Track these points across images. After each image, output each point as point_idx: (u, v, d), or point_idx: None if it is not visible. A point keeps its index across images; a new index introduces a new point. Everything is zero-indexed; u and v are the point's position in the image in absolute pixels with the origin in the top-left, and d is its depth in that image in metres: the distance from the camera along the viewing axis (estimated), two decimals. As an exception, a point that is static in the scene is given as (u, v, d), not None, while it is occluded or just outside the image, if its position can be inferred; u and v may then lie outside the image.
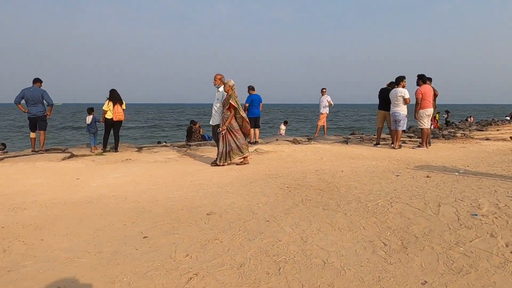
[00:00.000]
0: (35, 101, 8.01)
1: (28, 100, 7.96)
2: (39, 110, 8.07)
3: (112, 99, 8.53)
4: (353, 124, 46.94)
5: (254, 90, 9.94)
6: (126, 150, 8.94)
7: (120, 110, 8.56)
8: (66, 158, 7.57)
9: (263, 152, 8.14)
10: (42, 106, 8.13)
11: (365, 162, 6.40)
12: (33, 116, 8.10)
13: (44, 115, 8.22)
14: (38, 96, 8.01)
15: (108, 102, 8.53)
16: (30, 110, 8.03)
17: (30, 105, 7.98)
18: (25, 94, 7.93)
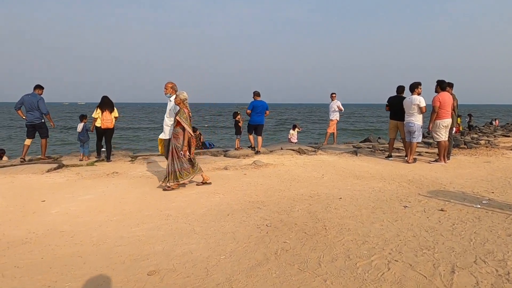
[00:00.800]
0: (31, 108, 7.70)
1: (26, 106, 7.70)
2: (35, 117, 7.76)
3: (100, 106, 8.00)
4: (369, 125, 45.40)
5: (259, 96, 9.15)
6: (119, 159, 8.36)
7: (109, 117, 7.96)
8: (52, 169, 7.02)
9: (261, 165, 7.35)
10: (38, 113, 7.80)
11: (370, 183, 5.49)
12: (29, 123, 7.78)
13: (41, 123, 7.88)
14: (34, 103, 7.70)
15: (96, 109, 8.03)
16: (27, 117, 7.76)
17: (27, 111, 7.71)
18: (24, 101, 7.69)
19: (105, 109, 7.93)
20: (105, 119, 7.91)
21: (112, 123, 8.01)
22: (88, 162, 7.91)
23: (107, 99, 8.05)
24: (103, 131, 8.03)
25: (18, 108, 7.78)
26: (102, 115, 7.93)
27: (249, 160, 8.19)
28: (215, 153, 9.44)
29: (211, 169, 7.05)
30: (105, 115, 7.93)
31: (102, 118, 7.91)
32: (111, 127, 8.03)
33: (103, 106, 7.93)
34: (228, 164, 7.71)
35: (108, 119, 7.94)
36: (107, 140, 8.23)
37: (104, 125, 7.91)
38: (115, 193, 5.06)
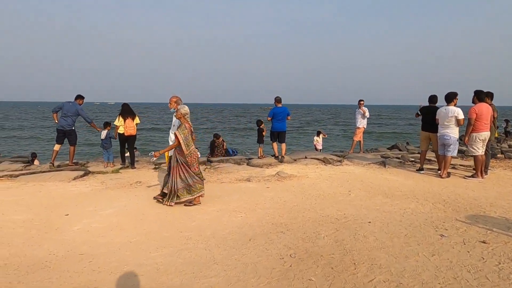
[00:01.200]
0: (67, 114, 7.97)
1: (62, 111, 7.98)
2: (68, 124, 7.99)
3: (122, 114, 8.11)
4: (395, 128, 43.96)
5: (280, 103, 8.93)
6: (143, 166, 8.36)
7: (131, 124, 8.11)
8: (78, 177, 7.10)
9: (285, 177, 7.10)
10: (71, 121, 8.04)
11: (401, 204, 5.12)
12: (60, 127, 8.00)
13: (71, 130, 8.10)
14: (72, 111, 8.00)
15: (119, 117, 8.16)
16: (60, 121, 7.97)
17: (62, 116, 7.97)
18: (63, 106, 8.00)
19: (127, 116, 8.06)
20: (128, 127, 8.04)
21: (134, 130, 8.17)
22: (113, 169, 7.97)
23: (128, 107, 8.20)
24: (126, 138, 8.16)
25: (55, 111, 8.07)
26: (124, 122, 8.05)
27: (273, 170, 7.96)
28: (238, 161, 9.28)
29: (234, 180, 6.89)
30: (128, 122, 8.04)
31: (125, 126, 8.04)
32: (134, 134, 8.19)
33: (124, 114, 8.06)
34: (251, 174, 7.52)
35: (131, 126, 8.08)
36: (130, 146, 8.38)
37: (128, 132, 8.05)
38: (136, 207, 4.98)
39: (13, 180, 6.83)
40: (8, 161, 8.56)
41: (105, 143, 8.38)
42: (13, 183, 6.59)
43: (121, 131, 8.10)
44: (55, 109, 8.12)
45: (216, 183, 6.62)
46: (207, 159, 9.56)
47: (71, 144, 8.21)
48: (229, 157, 9.60)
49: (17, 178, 6.97)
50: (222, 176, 7.34)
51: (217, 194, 5.73)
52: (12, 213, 4.66)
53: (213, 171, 7.94)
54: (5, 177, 7.00)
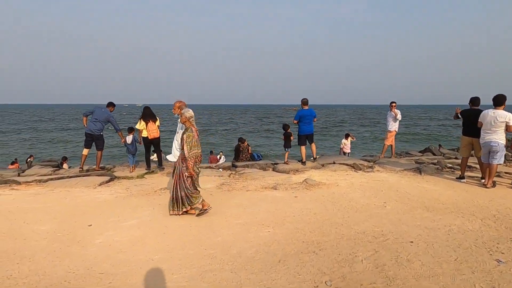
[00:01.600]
0: (98, 120, 7.99)
1: (94, 117, 7.98)
2: (96, 129, 8.02)
3: (144, 118, 8.04)
4: (426, 129, 42.24)
5: (307, 105, 8.57)
6: (169, 172, 8.22)
7: (153, 127, 8.03)
8: (104, 182, 7.04)
9: (313, 184, 6.71)
10: (101, 126, 8.06)
11: (445, 219, 4.61)
12: (89, 132, 8.02)
13: (99, 135, 8.12)
14: (103, 117, 8.03)
15: (140, 121, 8.10)
16: (89, 125, 8.01)
17: (92, 121, 7.98)
18: (95, 111, 8.03)
19: (148, 120, 7.99)
20: (150, 130, 7.98)
21: (157, 132, 8.11)
22: (138, 174, 7.89)
23: (149, 111, 8.12)
24: (150, 141, 8.11)
25: (85, 115, 8.10)
26: (147, 126, 7.99)
27: (300, 177, 7.59)
28: (263, 166, 8.97)
29: (260, 188, 6.58)
30: (150, 125, 7.99)
31: (148, 129, 7.98)
32: (157, 136, 8.11)
33: (146, 118, 7.99)
34: (277, 181, 7.18)
35: (154, 129, 8.01)
36: (156, 148, 8.35)
37: (151, 136, 7.99)
38: (159, 218, 4.77)
39: (42, 185, 6.85)
40: (38, 165, 8.68)
41: (130, 148, 8.36)
42: (41, 188, 6.60)
43: (144, 134, 8.08)
44: (86, 113, 8.13)
45: (241, 191, 6.33)
46: (232, 164, 9.31)
47: (98, 149, 8.23)
48: (255, 162, 9.30)
49: (45, 183, 7.00)
50: (248, 183, 7.05)
51: (243, 204, 5.44)
52: (37, 223, 4.57)
53: (238, 177, 7.67)
54: (34, 182, 7.04)
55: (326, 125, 46.37)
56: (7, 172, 8.17)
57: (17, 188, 6.61)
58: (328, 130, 39.50)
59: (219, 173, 8.11)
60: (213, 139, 33.07)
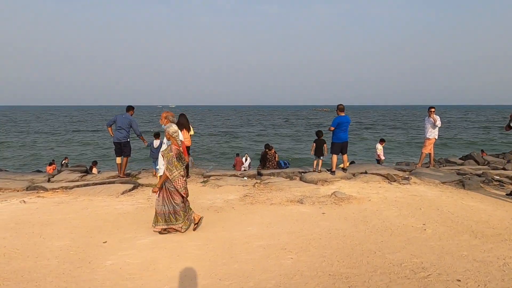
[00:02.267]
0: (121, 127, 7.92)
1: (117, 125, 7.94)
2: (123, 136, 7.96)
3: (178, 126, 7.83)
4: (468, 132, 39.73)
5: (343, 111, 8.00)
6: (192, 180, 7.98)
7: (186, 136, 7.83)
8: (127, 191, 6.90)
9: (343, 198, 6.17)
10: (126, 133, 8.00)
11: (498, 249, 3.92)
12: (117, 141, 7.99)
13: (126, 142, 8.06)
14: (125, 124, 7.92)
15: None
16: (115, 135, 7.98)
17: (117, 130, 7.94)
18: (116, 119, 7.96)
19: (182, 128, 7.76)
20: (184, 138, 7.76)
21: (189, 141, 7.90)
22: (162, 181, 7.72)
23: (184, 119, 7.91)
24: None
25: (109, 125, 8.04)
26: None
27: (328, 188, 7.06)
28: (290, 175, 8.50)
29: (285, 201, 6.14)
30: (183, 134, 7.78)
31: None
32: (188, 145, 7.88)
33: (180, 127, 7.77)
34: (304, 193, 6.70)
35: (186, 137, 7.80)
36: None
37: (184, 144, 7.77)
38: (175, 236, 4.47)
39: (67, 192, 6.82)
40: (67, 171, 8.76)
41: (155, 152, 8.27)
42: (66, 196, 6.56)
43: None
44: (109, 123, 8.07)
45: (265, 205, 5.92)
46: (257, 171, 8.93)
47: (125, 155, 8.18)
48: (281, 170, 8.85)
49: (71, 191, 6.98)
50: (272, 194, 6.62)
51: (266, 221, 5.02)
52: (53, 238, 4.42)
53: (263, 188, 7.27)
54: (61, 189, 7.03)
55: (355, 128, 44.90)
56: (39, 176, 8.28)
57: (43, 195, 6.61)
58: (355, 133, 38.19)
59: (243, 182, 7.75)
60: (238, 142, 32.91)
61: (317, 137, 8.55)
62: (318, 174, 8.10)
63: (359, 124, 52.59)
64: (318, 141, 8.46)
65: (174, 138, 4.46)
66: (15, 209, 5.67)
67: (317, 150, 8.44)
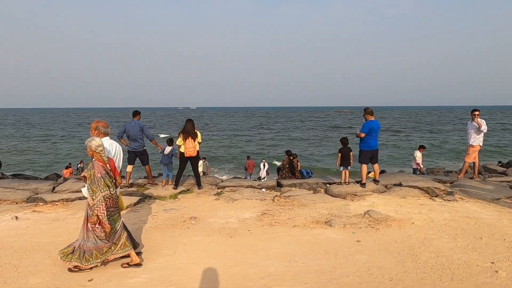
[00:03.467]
0: (134, 138, 7.18)
1: (129, 135, 7.23)
2: (139, 145, 7.31)
3: (183, 132, 6.98)
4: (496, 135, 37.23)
5: (373, 115, 6.89)
6: (204, 192, 7.08)
7: (191, 145, 6.92)
8: (131, 205, 6.06)
9: (380, 220, 5.09)
10: (141, 141, 7.29)
11: None
12: (132, 150, 7.27)
13: (143, 150, 7.34)
14: (137, 131, 7.19)
15: (179, 136, 7.06)
16: (130, 144, 7.27)
17: (130, 140, 7.27)
18: (126, 129, 7.21)
19: (187, 136, 6.90)
20: (187, 147, 6.91)
21: (195, 151, 6.97)
22: (172, 193, 6.86)
23: (189, 125, 6.99)
24: (186, 159, 7.06)
25: (120, 137, 7.16)
26: (185, 142, 6.92)
27: (359, 204, 6.00)
28: (314, 186, 7.46)
29: (309, 222, 5.12)
30: (188, 142, 6.91)
31: (185, 146, 6.92)
32: (194, 155, 6.99)
33: (185, 133, 6.91)
34: (331, 211, 5.67)
35: (191, 147, 6.91)
36: (193, 167, 7.28)
37: (187, 154, 6.93)
38: (177, 270, 3.55)
39: (67, 206, 6.06)
40: (73, 179, 8.05)
41: (165, 160, 7.48)
42: (64, 211, 5.79)
43: (182, 150, 7.05)
44: (119, 134, 7.19)
45: (286, 227, 4.92)
46: (277, 182, 7.93)
47: (144, 164, 7.51)
48: (303, 181, 7.82)
49: (72, 203, 6.22)
50: (295, 212, 5.62)
51: (288, 253, 4.03)
52: (30, 271, 3.59)
53: (284, 202, 6.28)
54: (61, 202, 6.28)
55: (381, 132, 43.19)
56: (44, 185, 7.59)
57: (40, 209, 5.88)
58: (382, 138, 36.41)
59: (261, 195, 6.79)
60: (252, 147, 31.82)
61: (342, 145, 7.40)
62: (346, 186, 7.02)
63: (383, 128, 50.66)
64: (344, 149, 7.32)
65: (99, 153, 3.49)
66: (4, 227, 4.92)
67: (343, 160, 7.32)
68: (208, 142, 33.45)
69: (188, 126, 6.92)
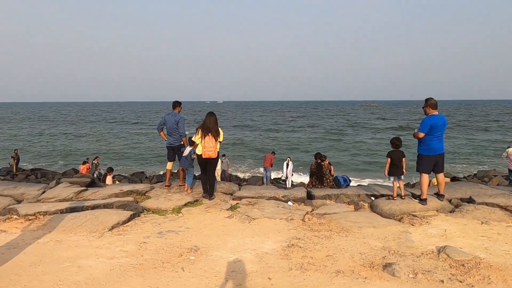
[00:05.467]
0: (171, 132, 6.22)
1: (167, 129, 6.27)
2: (175, 140, 6.24)
3: (202, 128, 5.49)
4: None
5: (436, 109, 4.99)
6: (215, 204, 5.48)
7: (211, 144, 5.42)
8: (120, 223, 4.57)
9: (466, 265, 3.28)
10: (178, 135, 6.21)
11: None
12: (169, 145, 6.33)
13: (180, 145, 6.13)
14: (173, 124, 6.13)
15: (197, 132, 5.58)
16: (168, 139, 6.35)
17: (168, 134, 6.31)
18: (166, 121, 6.21)
19: (206, 132, 5.42)
20: (206, 147, 5.42)
21: (215, 152, 5.47)
22: (176, 205, 5.33)
23: (211, 120, 5.50)
24: (204, 161, 5.58)
25: (160, 129, 6.36)
26: (203, 140, 5.45)
27: (425, 232, 4.20)
28: (355, 200, 5.68)
29: (358, 263, 3.41)
30: (207, 141, 5.42)
31: (203, 145, 5.43)
32: (213, 157, 5.49)
33: (205, 129, 5.45)
34: (386, 243, 3.91)
35: (210, 146, 5.41)
36: (209, 173, 5.74)
37: (206, 154, 5.44)
38: None
39: (39, 222, 4.67)
40: (66, 183, 6.69)
41: (185, 163, 6.02)
42: (32, 231, 4.37)
43: (199, 151, 5.59)
44: (159, 127, 6.33)
45: (326, 275, 3.20)
46: (307, 192, 6.19)
47: (181, 164, 6.22)
48: (341, 191, 6.03)
49: (48, 218, 4.82)
50: (335, 243, 3.91)
51: None
52: None
53: (318, 224, 4.59)
54: (36, 216, 4.90)
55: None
56: (32, 189, 6.31)
57: (6, 226, 4.53)
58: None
59: (287, 211, 5.10)
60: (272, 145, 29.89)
61: (394, 147, 5.44)
62: (400, 203, 5.18)
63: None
64: (395, 153, 5.38)
65: None
66: None
67: (394, 168, 5.37)
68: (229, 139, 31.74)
69: (209, 120, 5.45)
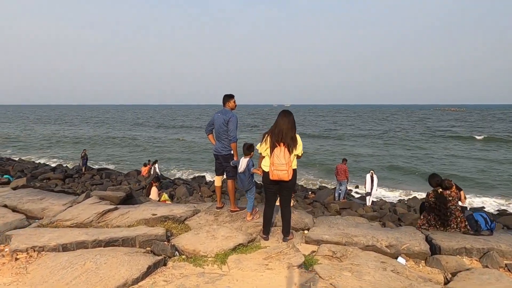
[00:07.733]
0: (219, 135, 4.54)
1: (216, 132, 4.60)
2: (222, 147, 4.53)
3: (272, 135, 3.54)
4: None
5: None
6: (280, 252, 3.46)
7: (283, 160, 3.38)
8: (139, 278, 2.87)
9: None
10: (228, 141, 4.48)
11: None
12: (215, 152, 4.66)
13: (229, 155, 4.52)
14: (222, 125, 4.45)
15: (264, 138, 3.62)
16: (215, 144, 4.66)
17: (216, 137, 4.62)
18: (214, 121, 4.58)
19: (278, 141, 3.46)
20: (275, 163, 3.41)
21: (288, 172, 3.39)
22: (220, 251, 3.46)
23: (285, 123, 3.52)
24: (274, 183, 3.57)
25: (209, 132, 4.71)
26: (272, 153, 3.47)
27: None
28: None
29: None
30: (276, 154, 3.42)
31: (272, 161, 3.45)
32: (286, 180, 3.43)
33: (275, 135, 3.52)
34: None
35: (282, 163, 3.37)
36: (283, 202, 3.74)
37: (274, 175, 3.43)
38: None
39: (25, 266, 3.19)
40: (96, 197, 5.30)
41: (242, 178, 4.21)
42: (9, 280, 2.90)
43: (265, 166, 3.65)
44: (207, 128, 4.72)
45: None
46: (426, 239, 3.79)
47: (228, 176, 4.59)
48: (486, 242, 3.52)
49: (41, 259, 3.32)
50: None
51: None
52: None
53: None
54: (28, 253, 3.45)
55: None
56: (57, 203, 5.08)
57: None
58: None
59: (404, 280, 2.84)
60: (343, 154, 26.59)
61: None
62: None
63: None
64: None
65: None
66: None
67: None
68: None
69: (284, 123, 3.50)
